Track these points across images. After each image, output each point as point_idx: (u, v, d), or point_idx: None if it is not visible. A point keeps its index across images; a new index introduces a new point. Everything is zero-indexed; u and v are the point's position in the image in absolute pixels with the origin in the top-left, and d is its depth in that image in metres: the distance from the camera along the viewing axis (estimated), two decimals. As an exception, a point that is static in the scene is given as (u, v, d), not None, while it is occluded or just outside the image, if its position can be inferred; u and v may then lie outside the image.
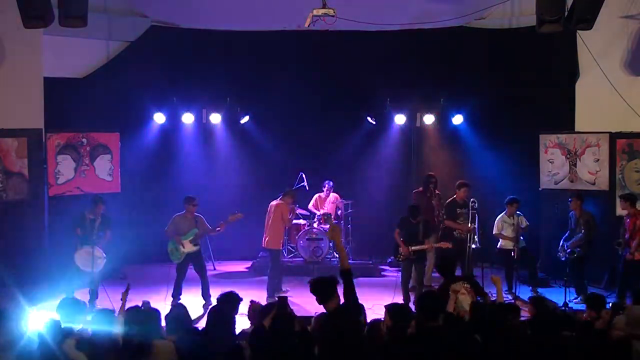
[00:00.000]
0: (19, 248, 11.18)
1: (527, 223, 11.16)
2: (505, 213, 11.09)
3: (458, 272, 9.43)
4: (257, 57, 13.08)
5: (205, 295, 10.48)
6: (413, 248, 10.09)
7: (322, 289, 5.65)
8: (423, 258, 10.36)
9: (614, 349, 5.72)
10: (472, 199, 10.83)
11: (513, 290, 10.90)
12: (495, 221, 11.14)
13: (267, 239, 11.02)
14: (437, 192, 11.58)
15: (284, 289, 10.94)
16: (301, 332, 5.89)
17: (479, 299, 7.40)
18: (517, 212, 11.08)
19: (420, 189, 11.69)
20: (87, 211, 10.35)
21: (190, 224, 10.54)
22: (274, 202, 11.14)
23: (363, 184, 13.66)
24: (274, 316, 5.89)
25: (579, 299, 10.47)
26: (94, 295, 10.09)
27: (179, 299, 10.37)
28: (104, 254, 10.21)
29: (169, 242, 10.60)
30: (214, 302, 7.01)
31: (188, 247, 10.48)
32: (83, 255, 10.14)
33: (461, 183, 11.14)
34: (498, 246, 11.19)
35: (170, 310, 6.84)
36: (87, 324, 6.30)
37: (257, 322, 6.36)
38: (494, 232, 11.16)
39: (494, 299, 7.45)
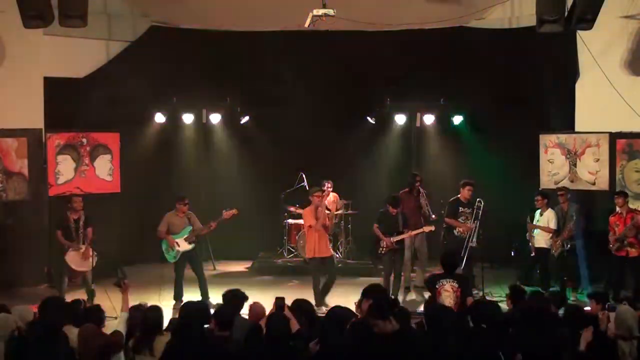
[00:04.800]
0: (19, 248, 11.20)
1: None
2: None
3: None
4: (257, 57, 13.06)
5: (205, 296, 10.42)
6: (395, 238, 10.29)
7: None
8: (402, 249, 10.63)
9: (600, 349, 5.71)
10: (478, 199, 10.82)
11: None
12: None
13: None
14: (423, 190, 11.53)
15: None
16: (298, 334, 5.88)
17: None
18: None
19: (407, 189, 11.62)
20: (69, 212, 10.30)
21: (183, 222, 10.51)
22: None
23: (363, 184, 13.64)
24: (270, 317, 5.88)
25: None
26: (91, 295, 10.05)
27: (182, 300, 10.35)
28: (95, 252, 10.18)
29: (162, 242, 10.55)
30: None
31: (183, 246, 10.45)
32: (74, 255, 10.14)
33: (465, 182, 11.00)
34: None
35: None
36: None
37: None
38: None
39: (495, 299, 7.47)
